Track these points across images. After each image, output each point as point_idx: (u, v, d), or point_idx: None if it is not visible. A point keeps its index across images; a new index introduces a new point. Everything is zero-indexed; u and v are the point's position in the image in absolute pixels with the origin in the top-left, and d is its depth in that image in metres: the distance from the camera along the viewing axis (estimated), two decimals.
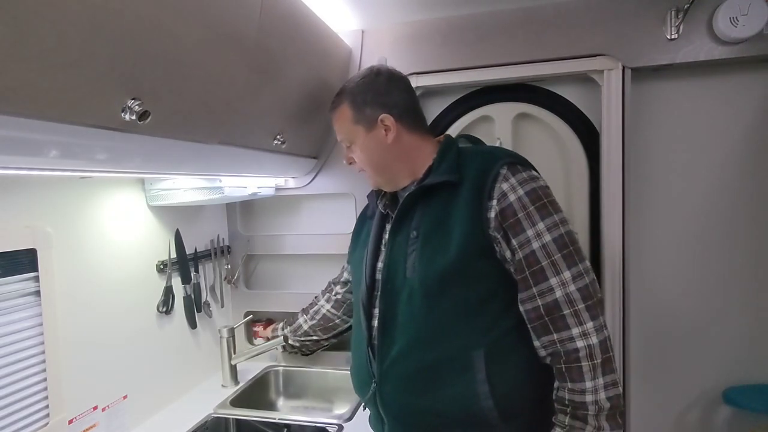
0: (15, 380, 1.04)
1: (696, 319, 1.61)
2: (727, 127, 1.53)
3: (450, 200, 0.95)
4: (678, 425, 1.65)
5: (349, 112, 1.06)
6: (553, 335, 0.88)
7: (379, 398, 1.01)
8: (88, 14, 0.66)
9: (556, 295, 0.87)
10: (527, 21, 1.50)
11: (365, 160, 1.07)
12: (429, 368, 0.93)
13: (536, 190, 0.91)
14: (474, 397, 0.91)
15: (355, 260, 1.19)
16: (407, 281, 0.96)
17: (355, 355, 1.13)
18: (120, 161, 0.97)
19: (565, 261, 0.88)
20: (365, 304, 1.05)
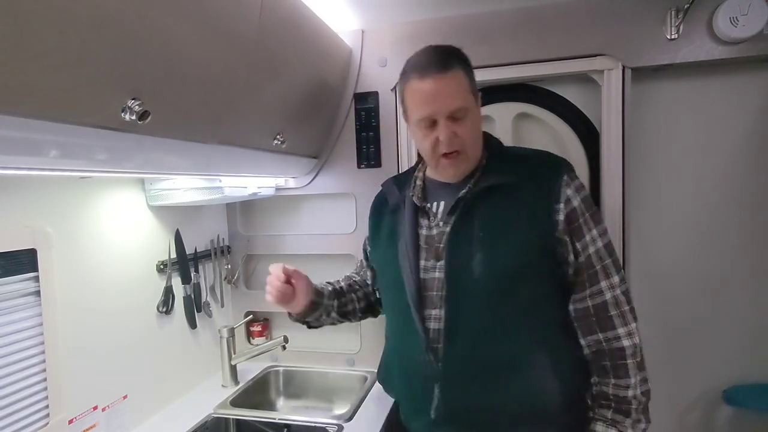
0: (15, 380, 1.04)
1: (696, 319, 1.61)
2: (727, 127, 1.53)
3: (513, 200, 0.96)
4: (679, 425, 1.65)
5: (464, 79, 0.95)
6: (599, 335, 0.95)
7: (443, 401, 0.96)
8: (88, 14, 0.66)
9: (606, 297, 0.94)
10: (527, 21, 1.50)
11: (472, 135, 0.96)
12: (498, 366, 0.94)
13: (588, 197, 0.98)
14: (537, 393, 0.94)
15: (385, 259, 1.10)
16: (474, 281, 0.94)
17: (402, 361, 1.05)
18: (120, 161, 0.97)
19: (614, 266, 0.96)
20: (416, 306, 0.98)
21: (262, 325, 1.86)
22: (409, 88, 0.97)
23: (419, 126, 0.97)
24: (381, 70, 1.63)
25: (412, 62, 0.99)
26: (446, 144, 0.94)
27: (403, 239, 1.03)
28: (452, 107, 0.93)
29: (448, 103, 0.93)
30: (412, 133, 1.03)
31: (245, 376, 1.71)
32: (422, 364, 0.98)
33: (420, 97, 0.95)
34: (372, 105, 1.66)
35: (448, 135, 0.93)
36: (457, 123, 0.94)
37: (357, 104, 1.67)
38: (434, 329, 0.97)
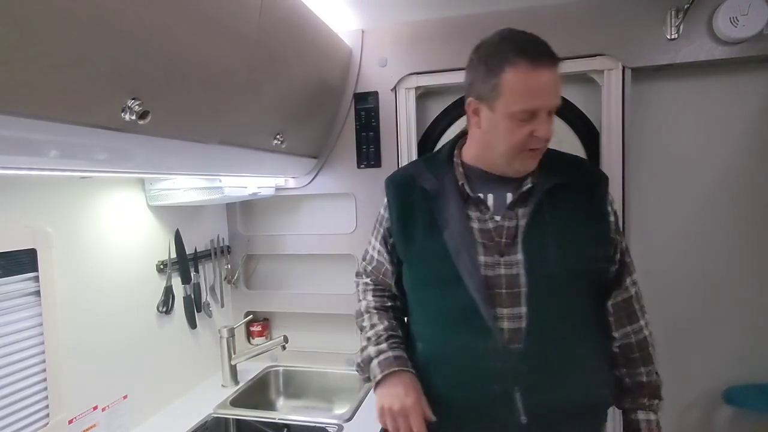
0: (15, 380, 1.04)
1: (697, 319, 1.61)
2: (727, 127, 1.53)
3: (576, 200, 0.98)
4: (679, 425, 1.65)
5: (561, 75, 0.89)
6: (627, 327, 1.01)
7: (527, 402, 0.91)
8: (88, 14, 0.66)
9: (631, 292, 1.02)
10: (527, 21, 1.48)
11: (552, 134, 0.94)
12: (573, 360, 0.95)
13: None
14: (598, 385, 0.98)
15: (429, 252, 0.98)
16: (552, 279, 0.92)
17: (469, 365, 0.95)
18: (120, 161, 0.97)
19: (632, 264, 1.04)
20: (486, 305, 0.91)
21: (262, 325, 1.86)
22: (515, 73, 0.85)
23: (514, 117, 0.87)
24: (381, 70, 1.63)
25: (514, 43, 0.87)
26: (544, 139, 0.90)
27: (453, 230, 0.95)
28: (557, 103, 0.89)
29: (554, 99, 0.88)
30: (493, 122, 0.91)
31: (245, 376, 1.71)
32: (499, 368, 0.91)
33: (532, 88, 0.85)
34: (372, 105, 1.66)
35: (548, 131, 0.89)
36: (550, 119, 0.90)
37: (357, 104, 1.67)
38: (510, 329, 0.91)
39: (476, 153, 1.00)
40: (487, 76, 0.88)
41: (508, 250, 0.93)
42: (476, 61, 0.92)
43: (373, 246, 1.13)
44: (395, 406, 0.91)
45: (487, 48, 0.91)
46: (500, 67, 0.86)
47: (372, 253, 1.13)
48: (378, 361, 0.98)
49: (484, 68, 0.89)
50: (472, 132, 0.99)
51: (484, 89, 0.89)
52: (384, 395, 0.93)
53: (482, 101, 0.91)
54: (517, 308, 0.92)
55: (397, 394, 0.92)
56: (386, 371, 0.95)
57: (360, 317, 1.10)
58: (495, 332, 0.91)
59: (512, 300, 0.92)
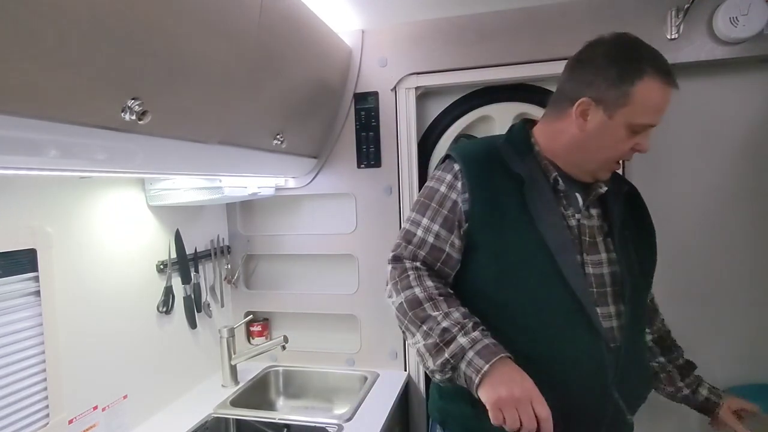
0: (15, 380, 1.04)
1: (697, 319, 1.60)
2: (728, 127, 1.53)
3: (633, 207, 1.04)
4: (678, 425, 1.65)
5: None
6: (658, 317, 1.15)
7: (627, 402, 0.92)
8: (88, 14, 0.66)
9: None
10: (527, 21, 1.50)
11: None
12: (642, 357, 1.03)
13: None
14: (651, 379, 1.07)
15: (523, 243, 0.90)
16: (638, 278, 0.98)
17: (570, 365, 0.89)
18: (120, 161, 0.97)
19: None
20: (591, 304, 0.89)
21: (262, 325, 1.86)
22: (651, 88, 0.85)
23: (632, 128, 0.87)
24: (381, 70, 1.63)
25: (653, 60, 0.87)
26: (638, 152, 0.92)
27: (551, 224, 0.90)
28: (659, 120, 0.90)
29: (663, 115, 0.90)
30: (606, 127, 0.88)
31: (245, 376, 1.71)
32: (600, 367, 0.88)
33: (661, 104, 0.87)
34: (372, 105, 1.66)
35: (648, 145, 0.90)
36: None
37: (357, 104, 1.67)
38: (608, 328, 0.91)
39: (560, 151, 0.95)
40: (619, 82, 0.85)
41: (591, 249, 0.94)
42: (604, 63, 0.88)
43: (429, 229, 0.95)
44: (516, 392, 0.78)
45: (619, 52, 0.88)
46: (636, 76, 0.84)
47: (425, 237, 0.95)
48: (476, 351, 0.82)
49: (616, 73, 0.86)
50: (568, 131, 0.93)
51: (609, 94, 0.86)
52: (498, 384, 0.79)
53: (601, 104, 0.88)
54: (611, 307, 0.94)
55: (513, 380, 0.80)
56: (492, 360, 0.81)
57: (418, 306, 0.90)
58: (600, 331, 0.88)
59: (602, 299, 0.93)
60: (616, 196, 0.99)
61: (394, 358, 1.71)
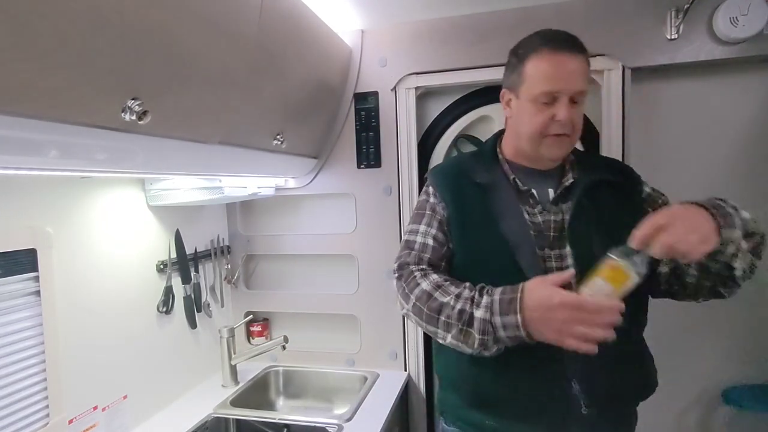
0: (15, 380, 1.04)
1: (696, 319, 1.61)
2: (728, 127, 1.53)
3: (616, 197, 1.00)
4: (678, 425, 1.65)
5: (588, 66, 0.95)
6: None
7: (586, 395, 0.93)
8: (88, 14, 0.66)
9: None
10: (527, 21, 1.49)
11: (580, 122, 0.97)
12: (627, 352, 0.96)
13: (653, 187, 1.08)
14: (646, 377, 1.01)
15: (488, 243, 0.98)
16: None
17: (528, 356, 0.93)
18: (120, 161, 0.97)
19: None
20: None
21: (262, 325, 1.86)
22: (538, 59, 0.93)
23: (536, 100, 0.94)
24: (381, 70, 1.63)
25: (541, 36, 0.95)
26: (562, 124, 0.93)
27: (512, 222, 0.97)
28: (578, 88, 0.92)
29: (575, 84, 0.92)
30: (519, 108, 0.97)
31: (245, 376, 1.71)
32: (558, 359, 0.90)
33: (551, 71, 0.92)
34: (372, 105, 1.66)
35: (567, 115, 0.92)
36: (574, 107, 0.94)
37: (357, 104, 1.67)
38: None
39: (512, 145, 1.05)
40: (515, 66, 0.97)
41: (557, 243, 0.97)
42: (510, 56, 1.00)
43: (427, 233, 1.05)
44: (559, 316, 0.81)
45: (519, 43, 1.00)
46: (525, 55, 0.95)
47: (425, 240, 1.04)
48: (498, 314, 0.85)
49: (514, 59, 0.98)
50: (507, 123, 1.06)
51: (512, 78, 0.98)
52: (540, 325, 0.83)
53: (511, 90, 0.99)
54: None
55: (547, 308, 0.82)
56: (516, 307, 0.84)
57: (429, 299, 0.94)
58: None
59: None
60: (584, 188, 0.99)
61: (394, 358, 1.71)
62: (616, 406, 0.98)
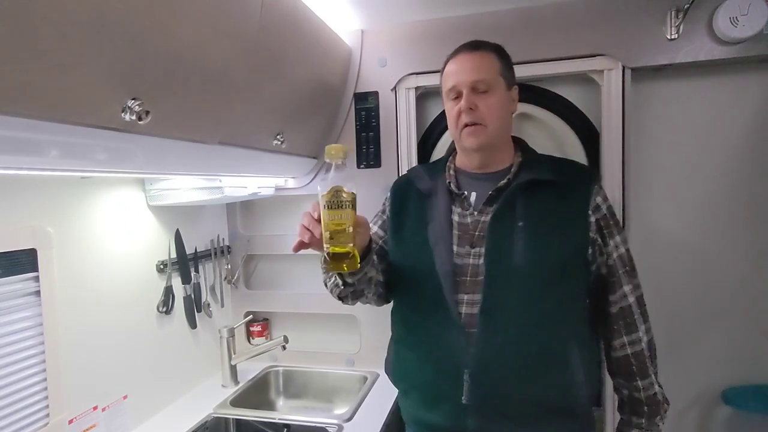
0: (15, 380, 1.04)
1: (696, 319, 1.61)
2: (727, 127, 1.53)
3: (552, 197, 1.00)
4: (677, 425, 1.65)
5: (497, 62, 1.03)
6: (623, 338, 1.02)
7: (473, 387, 0.96)
8: (88, 14, 0.66)
9: (630, 301, 1.01)
10: (527, 21, 1.50)
11: (495, 112, 1.01)
12: (535, 356, 0.95)
13: (612, 207, 1.04)
14: (572, 386, 0.97)
15: (413, 242, 1.07)
16: (514, 270, 0.96)
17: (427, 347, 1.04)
18: (120, 161, 0.97)
19: (633, 271, 1.03)
20: (449, 290, 0.99)
21: (262, 325, 1.86)
22: (449, 63, 1.06)
23: (447, 98, 1.05)
24: (381, 70, 1.63)
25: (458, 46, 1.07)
26: (465, 113, 1.00)
27: (436, 224, 1.05)
28: (473, 78, 1.00)
29: (470, 75, 1.00)
30: (445, 105, 1.08)
31: (245, 376, 1.71)
32: (453, 348, 0.98)
33: (453, 68, 1.04)
34: (372, 105, 1.66)
35: (467, 104, 0.99)
36: (480, 96, 1.00)
37: (357, 104, 1.67)
38: (467, 314, 0.98)
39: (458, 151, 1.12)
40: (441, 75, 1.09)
41: (479, 242, 1.01)
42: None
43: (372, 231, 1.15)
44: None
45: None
46: (444, 65, 1.08)
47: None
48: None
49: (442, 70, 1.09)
50: None
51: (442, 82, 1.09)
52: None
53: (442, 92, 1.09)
54: (476, 296, 0.98)
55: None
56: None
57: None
58: (454, 315, 0.98)
59: (473, 287, 0.98)
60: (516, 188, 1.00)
61: None
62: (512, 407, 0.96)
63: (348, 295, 1.07)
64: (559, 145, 1.61)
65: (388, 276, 1.12)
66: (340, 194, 0.84)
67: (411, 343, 1.08)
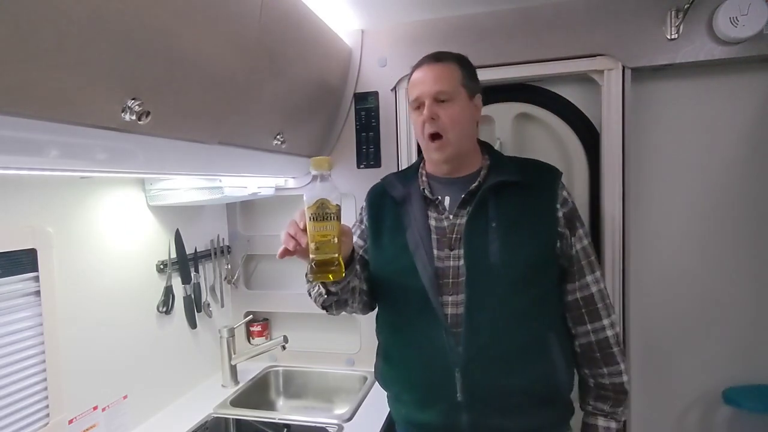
0: (15, 380, 1.04)
1: (696, 319, 1.61)
2: (727, 127, 1.53)
3: (521, 196, 1.04)
4: (678, 425, 1.65)
5: (458, 72, 1.05)
6: (587, 326, 1.05)
7: (465, 384, 0.99)
8: (88, 14, 0.66)
9: (593, 290, 1.04)
10: (527, 21, 1.50)
11: (457, 122, 1.03)
12: (518, 349, 1.00)
13: (574, 202, 1.09)
14: (554, 374, 1.02)
15: (392, 248, 1.09)
16: (492, 269, 0.99)
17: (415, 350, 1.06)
18: (120, 161, 0.97)
19: (596, 263, 1.07)
20: (434, 293, 1.01)
21: (262, 325, 1.86)
22: (410, 79, 1.09)
23: (411, 108, 1.08)
24: (381, 70, 1.63)
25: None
26: (428, 122, 1.03)
27: (414, 229, 1.07)
28: (435, 89, 1.03)
29: (431, 85, 1.03)
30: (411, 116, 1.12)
31: (245, 376, 1.71)
32: (442, 349, 1.01)
33: (412, 81, 1.07)
34: (372, 105, 1.66)
35: (429, 113, 1.02)
36: (441, 106, 1.03)
37: (357, 104, 1.67)
38: (453, 314, 1.01)
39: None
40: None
41: (457, 244, 1.03)
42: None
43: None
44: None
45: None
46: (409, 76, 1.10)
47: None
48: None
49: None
50: None
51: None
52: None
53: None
54: (459, 296, 1.01)
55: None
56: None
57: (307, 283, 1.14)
58: (441, 317, 1.00)
59: (456, 288, 1.01)
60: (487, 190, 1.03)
61: None
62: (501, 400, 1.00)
63: (332, 304, 1.08)
64: (559, 145, 1.61)
65: (371, 284, 1.15)
66: (326, 206, 0.85)
67: (399, 346, 1.11)
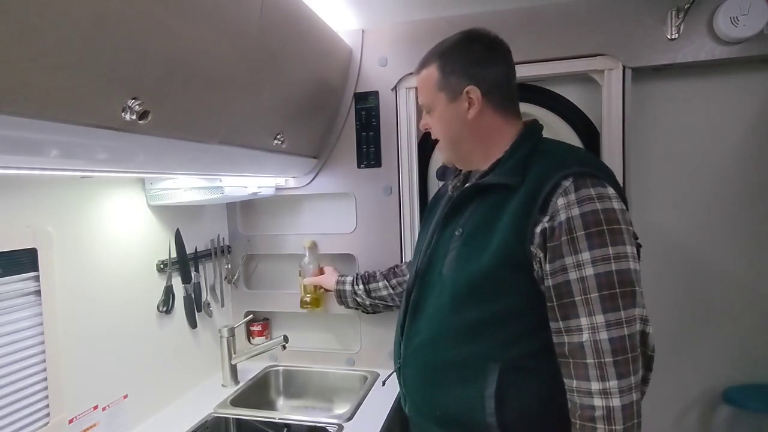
0: (15, 380, 1.04)
1: (696, 319, 1.61)
2: (728, 127, 1.53)
3: (503, 203, 0.87)
4: (678, 424, 1.65)
5: (435, 76, 0.98)
6: (573, 381, 0.80)
7: (402, 377, 1.05)
8: (88, 14, 0.66)
9: (583, 339, 0.78)
10: (527, 21, 1.50)
11: (440, 131, 1.02)
12: (444, 366, 0.94)
13: (597, 212, 0.79)
14: (479, 409, 0.87)
15: (419, 241, 1.15)
16: (441, 278, 0.96)
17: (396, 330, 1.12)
18: (120, 161, 0.97)
19: (602, 303, 0.77)
20: (409, 287, 1.05)
21: (262, 325, 1.86)
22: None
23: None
24: (381, 69, 1.63)
25: None
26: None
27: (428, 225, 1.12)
28: (420, 102, 1.07)
29: (419, 99, 1.08)
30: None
31: (245, 375, 1.71)
32: (397, 340, 1.07)
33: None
34: (372, 105, 1.65)
35: (422, 127, 1.08)
36: (428, 116, 1.05)
37: (357, 104, 1.67)
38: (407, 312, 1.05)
39: None
40: None
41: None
42: None
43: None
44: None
45: None
46: None
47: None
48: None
49: None
50: None
51: None
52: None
53: None
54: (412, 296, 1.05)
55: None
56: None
57: None
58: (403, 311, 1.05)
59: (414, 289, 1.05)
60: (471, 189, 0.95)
61: None
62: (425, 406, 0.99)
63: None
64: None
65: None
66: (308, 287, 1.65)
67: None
